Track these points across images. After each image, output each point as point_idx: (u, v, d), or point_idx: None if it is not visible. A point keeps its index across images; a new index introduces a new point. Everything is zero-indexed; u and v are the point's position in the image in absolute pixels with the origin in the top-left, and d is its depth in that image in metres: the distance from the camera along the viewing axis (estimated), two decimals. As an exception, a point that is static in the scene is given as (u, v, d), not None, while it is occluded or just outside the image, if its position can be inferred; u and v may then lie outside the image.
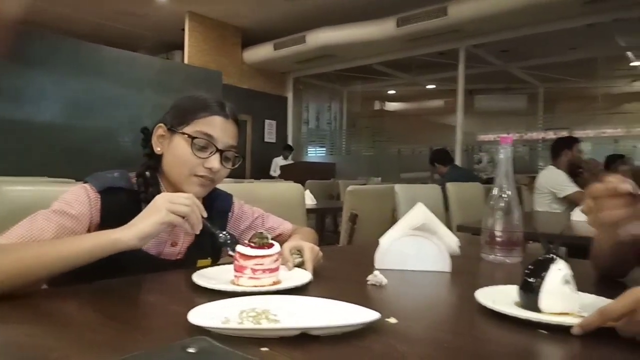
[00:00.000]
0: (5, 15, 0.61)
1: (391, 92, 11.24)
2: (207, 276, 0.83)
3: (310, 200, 3.62)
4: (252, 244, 0.81)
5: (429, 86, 10.02)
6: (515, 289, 0.70)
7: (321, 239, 4.18)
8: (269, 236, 0.83)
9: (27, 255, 0.77)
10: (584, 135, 7.31)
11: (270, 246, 0.81)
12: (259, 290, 0.76)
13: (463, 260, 1.07)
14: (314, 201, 3.67)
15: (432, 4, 5.88)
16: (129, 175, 1.03)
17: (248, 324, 0.56)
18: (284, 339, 0.54)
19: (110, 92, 5.30)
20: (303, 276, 0.83)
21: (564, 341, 0.58)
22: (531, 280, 0.66)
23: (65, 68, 5.06)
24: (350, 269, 1.06)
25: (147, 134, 1.07)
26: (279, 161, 8.07)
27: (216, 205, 1.11)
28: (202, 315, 0.57)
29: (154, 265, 0.96)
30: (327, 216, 5.07)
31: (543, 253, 0.69)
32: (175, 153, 1.01)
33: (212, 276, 0.83)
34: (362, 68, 8.20)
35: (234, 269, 0.81)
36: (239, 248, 0.81)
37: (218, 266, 0.94)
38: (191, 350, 0.44)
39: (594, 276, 0.93)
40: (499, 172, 1.11)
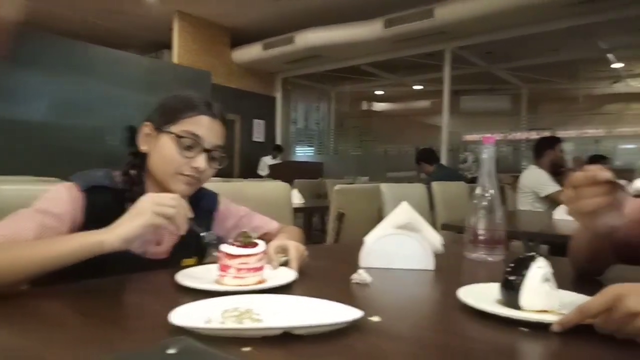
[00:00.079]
0: (4, 17, 0.61)
1: (379, 93, 11.29)
2: (191, 276, 0.82)
3: (297, 199, 3.62)
4: (237, 243, 0.80)
5: (416, 87, 10.08)
6: (497, 286, 0.71)
7: (308, 238, 4.19)
8: (253, 235, 0.83)
9: (8, 256, 0.75)
10: (566, 135, 7.42)
11: (255, 245, 0.81)
12: (243, 289, 0.75)
13: (447, 258, 1.08)
14: (301, 200, 3.67)
15: (419, 6, 5.92)
16: (114, 174, 1.02)
17: (230, 324, 0.56)
18: (266, 338, 0.54)
19: (98, 91, 5.22)
20: (288, 275, 0.83)
21: (543, 338, 0.59)
22: (512, 278, 0.67)
23: (52, 66, 4.96)
24: (335, 268, 1.06)
25: (133, 132, 1.06)
26: (267, 160, 8.05)
27: (202, 204, 1.11)
28: (184, 315, 0.57)
29: (138, 264, 0.95)
30: (315, 215, 5.07)
31: (524, 251, 0.70)
32: (161, 152, 1.00)
33: (197, 276, 0.83)
34: (350, 68, 8.22)
35: (218, 268, 0.81)
36: (224, 247, 0.81)
37: (203, 265, 0.94)
38: (171, 351, 0.43)
39: (573, 274, 0.94)
40: (482, 172, 1.12)
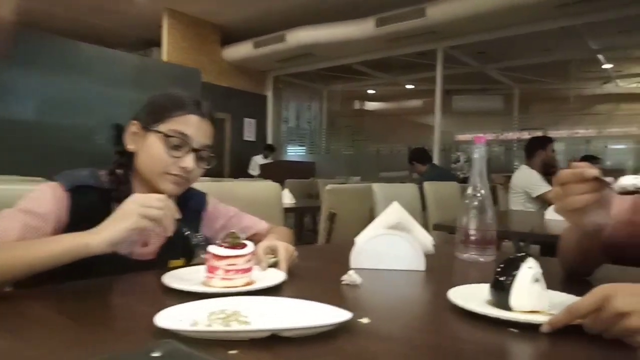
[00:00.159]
0: (2, 17, 0.60)
1: (371, 92, 11.30)
2: (178, 277, 0.81)
3: (289, 199, 3.61)
4: (225, 244, 0.79)
5: (408, 86, 10.11)
6: (488, 287, 0.70)
7: (300, 238, 4.16)
8: (242, 236, 0.82)
9: None
10: (557, 135, 7.48)
11: (243, 246, 0.80)
12: (231, 291, 0.74)
13: (438, 258, 1.08)
14: (292, 200, 3.65)
15: (411, 5, 5.93)
16: (100, 173, 1.00)
17: (217, 326, 0.55)
18: (254, 341, 0.53)
19: (86, 89, 5.17)
20: (277, 276, 0.82)
21: (533, 339, 0.58)
22: (502, 278, 0.67)
23: (40, 64, 4.90)
24: (325, 269, 1.05)
25: (120, 131, 1.04)
26: (258, 160, 8.01)
27: (190, 204, 1.10)
28: (170, 317, 0.56)
29: (124, 266, 0.93)
30: (306, 215, 5.06)
31: (515, 251, 0.70)
32: (148, 151, 0.99)
33: (184, 277, 0.81)
34: (342, 67, 8.21)
35: (205, 269, 0.80)
36: (211, 248, 0.80)
37: (190, 267, 0.92)
38: (156, 354, 0.42)
39: (563, 274, 0.94)
40: (473, 172, 1.12)
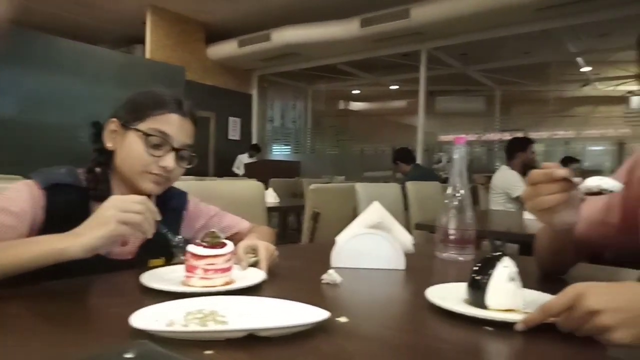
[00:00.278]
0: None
1: (355, 92, 11.33)
2: (157, 277, 0.80)
3: (273, 198, 3.60)
4: (204, 244, 0.79)
5: (392, 87, 10.17)
6: (465, 286, 0.71)
7: (284, 238, 4.16)
8: (221, 235, 0.81)
9: None
10: (537, 136, 7.61)
11: (223, 245, 0.79)
12: (210, 290, 0.74)
13: (418, 258, 1.09)
14: (277, 199, 3.65)
15: (395, 6, 5.96)
16: (78, 171, 0.99)
17: (193, 327, 0.54)
18: (230, 341, 0.53)
19: (66, 86, 5.07)
20: (257, 276, 0.82)
21: (507, 337, 0.59)
22: (478, 277, 0.68)
23: (19, 60, 4.79)
24: (306, 268, 1.05)
25: (98, 129, 1.03)
26: (243, 159, 7.96)
27: (170, 203, 1.09)
28: (146, 318, 0.55)
29: (102, 265, 0.92)
30: (291, 214, 5.06)
31: (491, 250, 0.71)
32: (128, 150, 0.97)
33: (162, 277, 0.81)
34: (327, 67, 8.21)
35: (185, 269, 0.79)
36: (190, 247, 0.79)
37: (169, 266, 0.92)
38: (129, 355, 0.42)
39: (539, 273, 0.96)
40: (453, 172, 1.14)
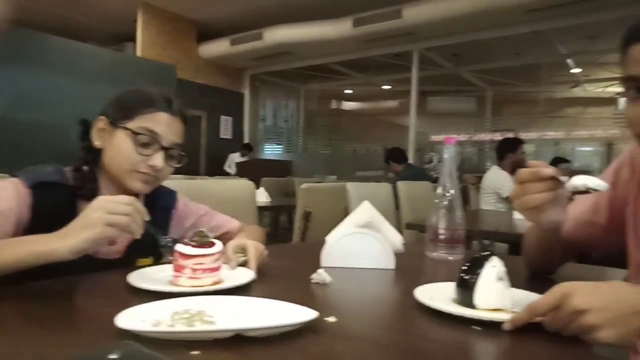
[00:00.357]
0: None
1: (348, 92, 11.34)
2: (145, 276, 0.79)
3: (264, 197, 3.60)
4: (193, 243, 0.78)
5: (385, 87, 10.19)
6: (454, 285, 0.71)
7: (275, 237, 4.14)
8: (210, 235, 0.81)
9: None
10: (527, 137, 7.68)
11: (212, 245, 0.79)
12: (199, 290, 0.73)
13: (408, 257, 1.09)
14: (268, 199, 3.64)
15: (388, 6, 5.98)
16: (65, 170, 0.98)
17: (179, 327, 0.54)
18: (218, 341, 0.52)
19: (56, 84, 5.01)
20: (246, 275, 0.81)
21: (495, 337, 0.60)
22: (467, 277, 0.68)
23: (8, 57, 4.73)
24: (296, 268, 1.05)
25: (86, 127, 1.01)
26: (235, 157, 7.92)
27: (159, 202, 1.08)
28: (132, 318, 0.55)
29: (89, 265, 0.90)
30: (282, 214, 5.05)
31: (479, 250, 0.71)
32: (116, 148, 0.97)
33: (150, 276, 0.80)
34: (320, 67, 8.21)
35: (173, 268, 0.79)
36: (179, 247, 0.78)
37: (157, 266, 0.91)
38: (113, 356, 0.41)
39: (527, 272, 0.97)
40: (443, 172, 1.14)
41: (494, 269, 0.68)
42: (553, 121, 9.10)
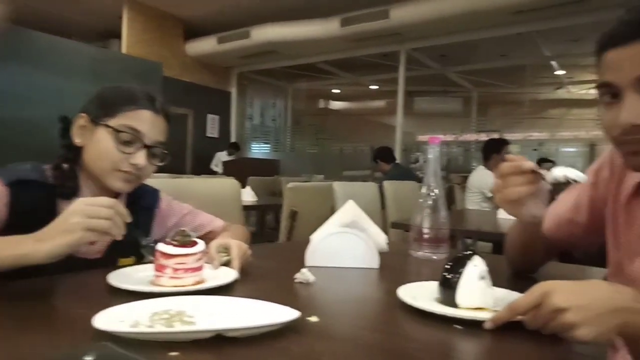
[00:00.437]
0: None
1: (335, 91, 11.35)
2: (125, 276, 0.78)
3: (250, 196, 3.58)
4: (174, 242, 0.77)
5: (372, 87, 10.23)
6: (437, 284, 0.72)
7: (262, 236, 4.12)
8: (192, 234, 0.80)
9: None
10: (512, 137, 7.76)
11: (193, 244, 0.78)
12: (180, 290, 0.72)
13: (392, 256, 1.09)
14: (254, 198, 3.62)
15: (375, 6, 6.00)
16: (44, 167, 0.96)
17: (159, 327, 0.53)
18: (197, 342, 0.52)
19: (37, 81, 4.91)
20: (228, 275, 0.80)
21: (476, 335, 0.60)
22: (449, 276, 0.68)
23: (-13, 53, 4.63)
24: (281, 267, 1.04)
25: (67, 124, 0.99)
26: (221, 156, 7.87)
27: (141, 201, 1.06)
28: (110, 318, 0.53)
29: (68, 264, 0.88)
30: (269, 213, 5.02)
31: (462, 249, 0.71)
32: (97, 146, 0.95)
33: (131, 276, 0.79)
34: (307, 66, 8.20)
35: (154, 268, 0.77)
36: (160, 246, 0.77)
37: (139, 265, 0.89)
38: (88, 357, 0.40)
39: (509, 271, 0.98)
40: (428, 172, 1.14)
41: (475, 268, 0.68)
42: (537, 122, 9.23)
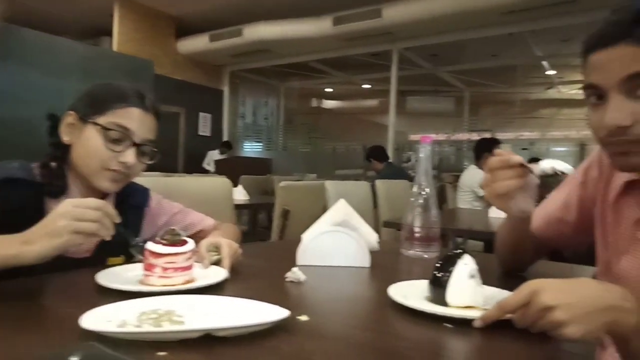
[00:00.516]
0: None
1: (328, 90, 11.35)
2: (114, 276, 0.77)
3: (242, 195, 3.57)
4: (164, 241, 0.76)
5: (364, 86, 10.24)
6: (427, 283, 0.72)
7: (254, 235, 4.11)
8: (181, 233, 0.79)
9: None
10: (504, 137, 7.82)
11: (183, 243, 0.77)
12: (170, 289, 0.72)
13: (384, 255, 1.10)
14: (246, 197, 3.61)
15: (368, 5, 6.00)
16: (32, 166, 0.94)
17: (146, 327, 0.52)
18: (187, 341, 0.51)
19: (27, 78, 4.85)
20: (218, 274, 0.80)
21: (466, 334, 0.60)
22: (439, 275, 0.68)
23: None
24: (272, 266, 1.04)
25: (55, 121, 0.98)
26: (214, 155, 7.83)
27: (131, 200, 1.05)
28: (98, 318, 0.53)
29: (57, 264, 0.87)
30: (261, 212, 5.01)
31: (452, 248, 0.72)
32: (86, 144, 0.94)
33: (120, 275, 0.78)
34: (300, 65, 8.19)
35: (143, 267, 0.77)
36: (149, 245, 0.76)
37: (128, 264, 0.89)
38: (74, 358, 0.40)
39: (499, 270, 0.98)
40: (419, 170, 1.15)
41: (466, 267, 0.68)
42: (528, 122, 9.30)
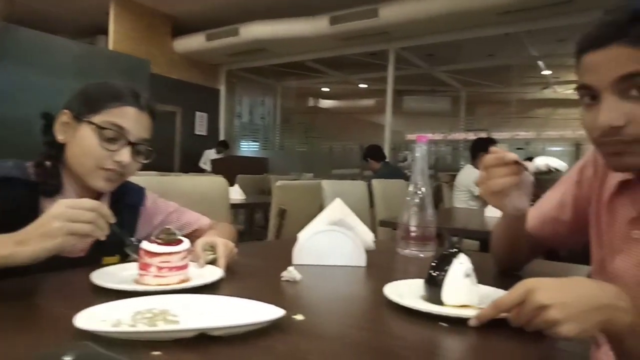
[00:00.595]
0: None
1: (325, 90, 11.35)
2: (109, 275, 0.77)
3: (239, 195, 3.56)
4: (159, 241, 0.76)
5: (361, 85, 10.24)
6: (423, 282, 0.72)
7: (250, 235, 4.10)
8: (177, 232, 0.79)
9: None
10: (500, 137, 7.83)
11: (179, 242, 0.77)
12: (165, 289, 0.72)
13: (379, 254, 1.10)
14: (243, 196, 3.61)
15: (364, 5, 6.01)
16: (26, 165, 0.94)
17: (141, 327, 0.52)
18: (181, 341, 0.51)
19: (22, 77, 4.83)
20: (214, 274, 0.80)
21: (461, 333, 0.60)
22: (435, 274, 0.68)
23: (-29, 49, 4.53)
24: (267, 266, 1.04)
25: (49, 120, 0.98)
26: (210, 154, 7.81)
27: (126, 199, 1.05)
28: (92, 317, 0.53)
29: (51, 263, 0.87)
30: (258, 211, 5.01)
31: (447, 247, 0.72)
32: (80, 143, 0.93)
33: (114, 275, 0.77)
34: (296, 64, 8.19)
35: (138, 267, 0.76)
36: (144, 245, 0.76)
37: (123, 264, 0.88)
38: (68, 358, 0.40)
39: (495, 269, 0.98)
40: (415, 170, 1.15)
41: (461, 266, 0.68)
42: (524, 121, 9.33)
